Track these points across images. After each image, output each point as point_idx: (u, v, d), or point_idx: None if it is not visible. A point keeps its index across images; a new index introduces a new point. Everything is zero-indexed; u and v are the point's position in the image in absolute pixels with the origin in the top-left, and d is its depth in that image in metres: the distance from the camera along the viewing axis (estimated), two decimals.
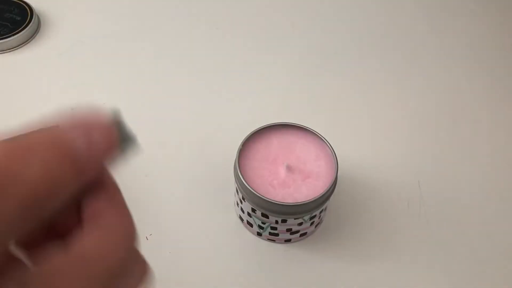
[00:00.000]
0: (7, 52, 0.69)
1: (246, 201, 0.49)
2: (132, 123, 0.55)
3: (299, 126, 0.52)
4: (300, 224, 0.49)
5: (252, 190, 0.47)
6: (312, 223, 0.51)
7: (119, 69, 0.69)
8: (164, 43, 0.74)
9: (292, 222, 0.49)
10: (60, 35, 0.73)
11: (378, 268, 0.51)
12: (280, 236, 0.51)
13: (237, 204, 0.52)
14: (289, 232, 0.50)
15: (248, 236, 0.53)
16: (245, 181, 0.48)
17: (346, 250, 0.53)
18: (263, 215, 0.48)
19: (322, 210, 0.50)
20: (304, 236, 0.52)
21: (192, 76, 0.69)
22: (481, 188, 0.59)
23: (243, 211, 0.51)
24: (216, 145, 0.60)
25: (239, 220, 0.54)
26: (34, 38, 0.72)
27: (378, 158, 0.55)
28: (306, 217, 0.49)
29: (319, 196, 0.47)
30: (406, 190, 0.57)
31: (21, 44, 0.70)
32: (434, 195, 0.57)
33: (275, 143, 0.51)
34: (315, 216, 0.50)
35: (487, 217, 0.56)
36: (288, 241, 0.52)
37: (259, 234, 0.52)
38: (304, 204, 0.46)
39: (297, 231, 0.51)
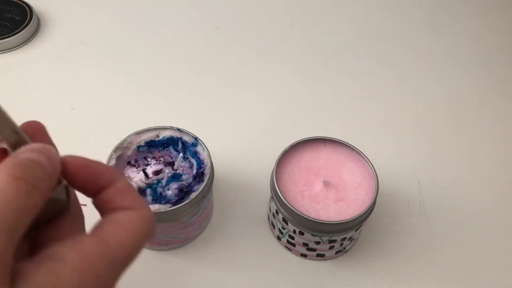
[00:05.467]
0: (7, 52, 0.69)
1: (272, 201, 0.49)
2: (131, 123, 0.56)
3: (353, 148, 0.50)
4: (318, 243, 0.48)
5: (278, 190, 0.46)
6: (331, 248, 0.48)
7: (118, 69, 0.69)
8: (163, 43, 0.73)
9: (308, 238, 0.47)
10: (59, 35, 0.73)
11: (377, 268, 0.51)
12: (297, 247, 0.50)
13: (269, 201, 0.52)
14: (305, 247, 0.49)
15: (269, 237, 0.52)
16: (276, 179, 0.47)
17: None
18: (283, 220, 0.48)
19: (345, 238, 0.48)
20: (321, 258, 0.50)
21: (192, 75, 0.69)
22: (481, 188, 0.59)
23: (270, 210, 0.51)
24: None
25: (266, 218, 0.54)
26: (33, 38, 0.72)
27: (378, 158, 0.55)
28: (325, 238, 0.47)
29: (340, 221, 0.44)
30: (406, 190, 0.57)
31: (20, 44, 0.70)
32: (434, 195, 0.57)
33: (324, 157, 0.50)
34: (335, 241, 0.47)
35: (487, 217, 0.56)
36: (304, 255, 0.50)
37: (278, 238, 0.51)
38: (321, 223, 0.44)
39: (314, 249, 0.49)
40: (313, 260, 0.51)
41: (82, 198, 0.54)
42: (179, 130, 0.49)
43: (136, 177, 0.47)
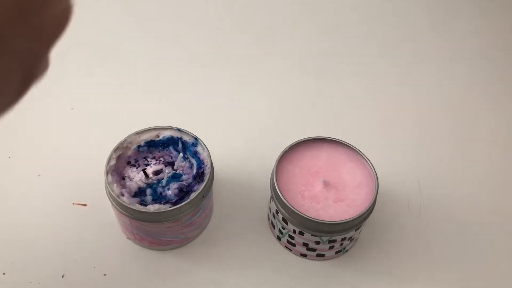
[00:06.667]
0: None
1: (272, 201, 0.49)
2: (131, 123, 0.56)
3: (353, 148, 0.50)
4: (318, 243, 0.48)
5: (278, 190, 0.47)
6: (331, 248, 0.49)
7: (118, 69, 0.69)
8: (163, 43, 0.73)
9: (308, 238, 0.47)
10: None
11: (377, 268, 0.51)
12: (297, 247, 0.50)
13: (269, 201, 0.52)
14: (305, 247, 0.49)
15: (269, 237, 0.53)
16: (276, 179, 0.47)
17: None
18: (283, 220, 0.48)
19: (345, 238, 0.48)
20: (321, 258, 0.51)
21: (192, 75, 0.69)
22: (481, 188, 0.58)
23: (270, 210, 0.51)
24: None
25: (266, 218, 0.54)
26: None
27: (378, 158, 0.55)
28: (325, 238, 0.47)
29: (340, 221, 0.45)
30: (406, 190, 0.57)
31: None
32: (434, 195, 0.57)
33: (324, 157, 0.50)
34: (335, 241, 0.47)
35: (487, 217, 0.56)
36: (304, 255, 0.51)
37: (278, 238, 0.51)
38: (321, 223, 0.45)
39: (314, 249, 0.49)
40: (313, 260, 0.51)
41: (83, 199, 0.55)
42: (179, 130, 0.49)
43: (136, 177, 0.47)
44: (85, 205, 0.53)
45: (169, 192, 0.46)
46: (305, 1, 0.83)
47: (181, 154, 0.48)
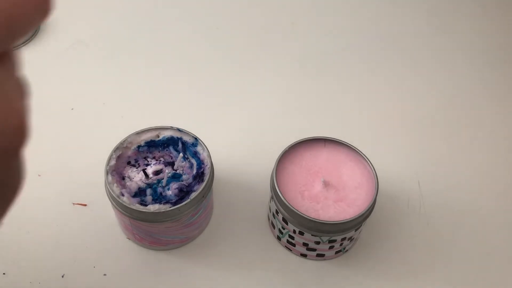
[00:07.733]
0: None
1: (272, 201, 0.49)
2: (131, 123, 0.56)
3: (353, 149, 0.50)
4: (318, 243, 0.48)
5: (278, 190, 0.47)
6: (331, 248, 0.49)
7: (118, 69, 0.69)
8: (163, 43, 0.74)
9: (308, 238, 0.47)
10: (60, 35, 0.73)
11: (377, 268, 0.51)
12: (297, 247, 0.50)
13: (269, 201, 0.52)
14: (305, 247, 0.49)
15: (269, 237, 0.52)
16: (276, 179, 0.47)
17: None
18: (283, 220, 0.48)
19: (345, 238, 0.48)
20: (321, 258, 0.50)
21: (192, 75, 0.69)
22: (481, 188, 0.58)
23: (270, 210, 0.51)
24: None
25: (266, 218, 0.54)
26: (33, 38, 0.72)
27: (378, 158, 0.55)
28: (325, 238, 0.47)
29: (340, 221, 0.44)
30: (406, 190, 0.57)
31: (21, 44, 0.70)
32: (434, 195, 0.57)
33: (324, 157, 0.50)
34: (335, 241, 0.47)
35: (487, 217, 0.56)
36: (304, 256, 0.51)
37: (278, 238, 0.51)
38: (321, 223, 0.44)
39: (314, 249, 0.49)
40: (313, 260, 0.51)
41: (83, 199, 0.55)
42: (179, 130, 0.49)
43: (136, 177, 0.47)
44: (85, 205, 0.53)
45: (169, 192, 0.46)
46: (305, 1, 0.82)
47: (181, 154, 0.48)
